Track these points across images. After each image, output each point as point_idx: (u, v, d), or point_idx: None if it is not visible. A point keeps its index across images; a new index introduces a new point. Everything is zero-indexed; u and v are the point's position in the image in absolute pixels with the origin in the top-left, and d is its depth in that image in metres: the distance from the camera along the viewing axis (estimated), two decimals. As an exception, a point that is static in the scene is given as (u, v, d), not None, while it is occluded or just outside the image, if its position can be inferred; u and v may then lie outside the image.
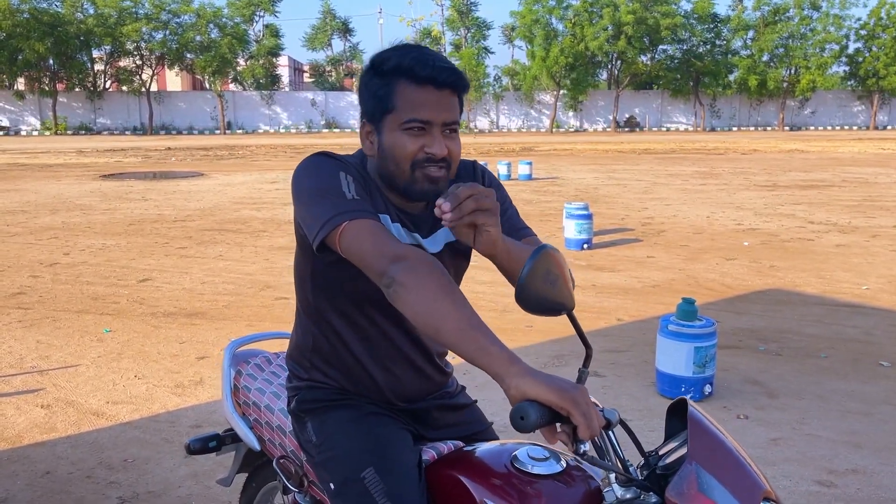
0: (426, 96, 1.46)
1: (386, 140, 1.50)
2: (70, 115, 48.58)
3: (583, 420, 1.16)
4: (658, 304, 6.07)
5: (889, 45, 50.47)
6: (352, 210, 1.42)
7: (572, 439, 1.22)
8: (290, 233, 9.52)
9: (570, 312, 1.34)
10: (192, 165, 21.56)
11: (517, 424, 1.16)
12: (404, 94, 1.47)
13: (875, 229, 9.83)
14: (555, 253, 1.31)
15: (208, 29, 48.70)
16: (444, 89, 1.48)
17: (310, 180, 1.49)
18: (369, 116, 1.54)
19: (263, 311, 5.88)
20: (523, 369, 1.20)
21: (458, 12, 53.42)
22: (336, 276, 1.57)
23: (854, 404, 4.04)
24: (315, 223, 1.43)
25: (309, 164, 1.53)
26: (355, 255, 1.39)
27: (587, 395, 1.20)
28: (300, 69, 71.51)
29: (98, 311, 5.93)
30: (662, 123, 54.59)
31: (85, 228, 10.03)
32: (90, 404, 4.05)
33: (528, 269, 1.25)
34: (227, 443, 2.15)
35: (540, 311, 1.30)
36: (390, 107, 1.48)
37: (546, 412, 1.17)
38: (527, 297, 1.26)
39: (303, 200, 1.49)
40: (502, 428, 2.23)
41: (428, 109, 1.46)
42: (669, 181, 16.40)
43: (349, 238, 1.39)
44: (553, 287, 1.30)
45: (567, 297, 1.33)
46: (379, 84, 1.50)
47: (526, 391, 1.17)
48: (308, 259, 1.60)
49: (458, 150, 1.54)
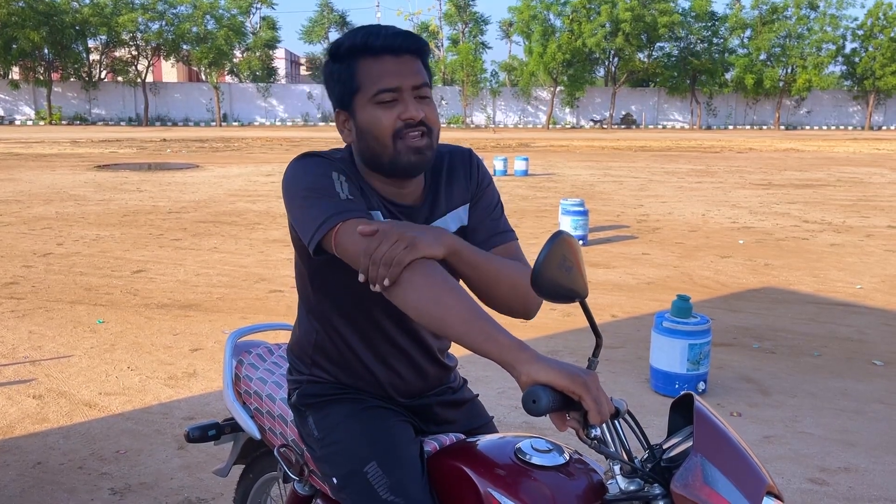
0: (387, 66, 1.46)
1: (361, 119, 1.49)
2: (65, 105, 48.36)
3: (593, 405, 1.17)
4: (653, 301, 6.08)
5: (886, 45, 50.60)
6: (346, 210, 1.40)
7: (582, 424, 1.23)
8: (285, 226, 9.46)
9: (583, 300, 1.33)
10: (187, 157, 21.49)
11: (529, 408, 1.17)
12: (365, 69, 1.46)
13: (869, 229, 9.85)
14: (571, 240, 1.30)
15: (205, 20, 48.47)
16: (402, 55, 1.47)
17: (302, 182, 1.47)
18: (340, 104, 1.53)
19: (258, 304, 5.87)
20: (533, 355, 1.21)
21: (456, 7, 53.33)
22: (334, 276, 1.56)
23: (847, 402, 4.05)
24: (310, 226, 1.42)
25: (299, 166, 1.50)
26: (351, 254, 1.37)
27: (597, 381, 1.21)
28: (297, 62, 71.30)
29: (91, 301, 5.91)
30: (659, 121, 54.64)
31: (79, 219, 9.99)
32: (82, 395, 4.03)
33: (544, 254, 1.24)
34: (227, 432, 2.15)
35: (553, 298, 1.30)
36: (356, 87, 1.48)
37: (557, 397, 1.18)
38: (541, 283, 1.26)
39: (296, 203, 1.46)
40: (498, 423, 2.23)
41: (392, 77, 1.45)
42: (665, 179, 16.42)
43: (344, 239, 1.37)
44: (568, 274, 1.29)
45: (581, 285, 1.32)
46: (339, 69, 1.50)
47: (537, 376, 1.18)
48: (306, 260, 1.59)
49: (435, 116, 1.52)
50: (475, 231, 1.64)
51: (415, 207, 1.59)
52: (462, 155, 1.68)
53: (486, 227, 1.64)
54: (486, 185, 1.68)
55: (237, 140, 30.94)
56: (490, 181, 1.70)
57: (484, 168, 1.72)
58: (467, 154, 1.69)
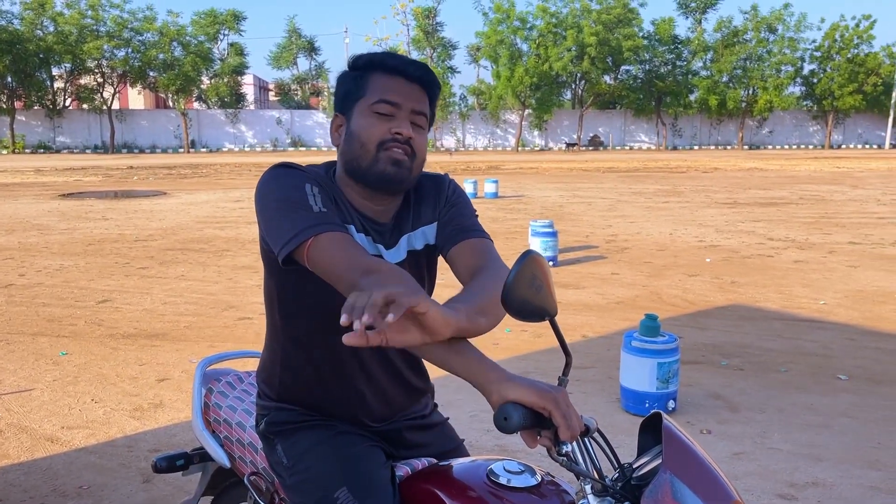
0: (396, 84, 1.52)
1: (355, 123, 1.53)
2: (28, 134, 47.64)
3: (563, 421, 1.18)
4: (623, 320, 6.12)
5: (843, 66, 52.16)
6: (319, 223, 1.40)
7: (553, 441, 1.23)
8: (254, 252, 9.43)
9: (553, 319, 1.34)
10: (154, 184, 21.25)
11: (501, 426, 1.18)
12: (376, 80, 1.53)
13: (832, 245, 10.06)
14: (540, 259, 1.31)
15: (172, 47, 48.30)
16: (413, 83, 1.54)
17: (275, 192, 1.46)
18: (340, 107, 1.58)
19: (226, 332, 5.79)
20: (504, 374, 1.22)
21: (423, 32, 53.81)
22: (305, 293, 1.55)
23: (813, 417, 4.11)
24: (281, 237, 1.41)
25: (273, 176, 1.50)
26: (324, 268, 1.36)
27: (567, 398, 1.22)
28: (266, 87, 71.19)
29: (54, 333, 5.78)
30: (626, 142, 55.46)
31: (42, 249, 9.80)
32: (44, 430, 3.93)
33: (514, 273, 1.25)
34: (195, 462, 2.12)
35: (523, 316, 1.30)
36: (361, 93, 1.53)
37: (528, 414, 1.19)
38: (511, 301, 1.26)
39: (268, 214, 1.46)
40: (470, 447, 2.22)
41: (396, 94, 1.51)
42: (633, 199, 16.63)
43: (318, 252, 1.37)
44: (538, 293, 1.30)
45: (550, 303, 1.34)
46: (352, 76, 1.57)
47: (508, 395, 1.19)
48: (275, 277, 1.58)
49: (424, 145, 1.55)
50: (444, 227, 1.63)
51: (385, 225, 1.60)
52: (435, 179, 1.70)
53: (456, 222, 1.63)
54: (457, 200, 1.67)
55: (205, 166, 30.70)
56: (464, 199, 1.69)
57: (459, 190, 1.72)
58: (441, 178, 1.71)
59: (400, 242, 1.62)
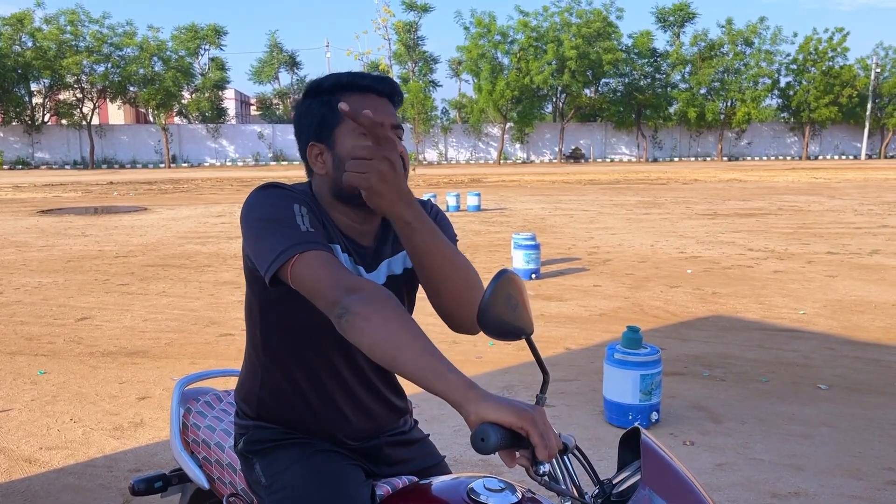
0: (372, 102, 1.52)
1: (343, 148, 1.51)
2: (6, 150, 47.19)
3: (540, 440, 1.17)
4: (605, 332, 6.14)
5: (819, 79, 53.01)
6: (305, 242, 1.40)
7: (531, 461, 1.23)
8: (236, 267, 9.37)
9: (529, 337, 1.35)
10: (135, 200, 21.09)
11: (478, 446, 1.17)
12: (351, 103, 1.48)
13: (810, 255, 10.18)
14: (516, 277, 1.32)
15: (152, 62, 48.11)
16: (383, 97, 1.56)
17: (261, 211, 1.46)
18: (316, 136, 1.55)
19: (207, 349, 5.74)
20: (481, 394, 1.21)
21: (405, 46, 54.07)
22: (288, 311, 1.55)
23: (795, 427, 4.14)
24: (268, 256, 1.40)
25: (260, 196, 1.50)
26: (307, 286, 1.36)
27: (545, 416, 1.21)
28: (247, 102, 71.10)
29: (32, 351, 5.70)
30: (607, 154, 55.91)
31: (20, 266, 9.68)
32: (22, 451, 3.86)
33: (489, 292, 1.25)
34: (174, 483, 2.09)
35: (500, 335, 1.31)
36: (339, 119, 1.52)
37: (505, 434, 1.18)
38: (487, 320, 1.27)
39: (254, 233, 1.45)
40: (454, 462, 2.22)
41: (378, 112, 1.50)
42: (614, 211, 16.74)
43: (301, 269, 1.37)
44: (514, 311, 1.31)
45: (527, 321, 1.34)
46: (320, 103, 1.54)
47: (485, 415, 1.18)
48: (257, 294, 1.58)
49: (407, 156, 1.56)
50: None
51: (367, 248, 1.61)
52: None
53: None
54: (439, 223, 1.67)
55: (186, 181, 30.52)
56: (445, 222, 1.70)
57: (441, 214, 1.72)
58: (423, 203, 1.70)
59: (380, 267, 1.62)
